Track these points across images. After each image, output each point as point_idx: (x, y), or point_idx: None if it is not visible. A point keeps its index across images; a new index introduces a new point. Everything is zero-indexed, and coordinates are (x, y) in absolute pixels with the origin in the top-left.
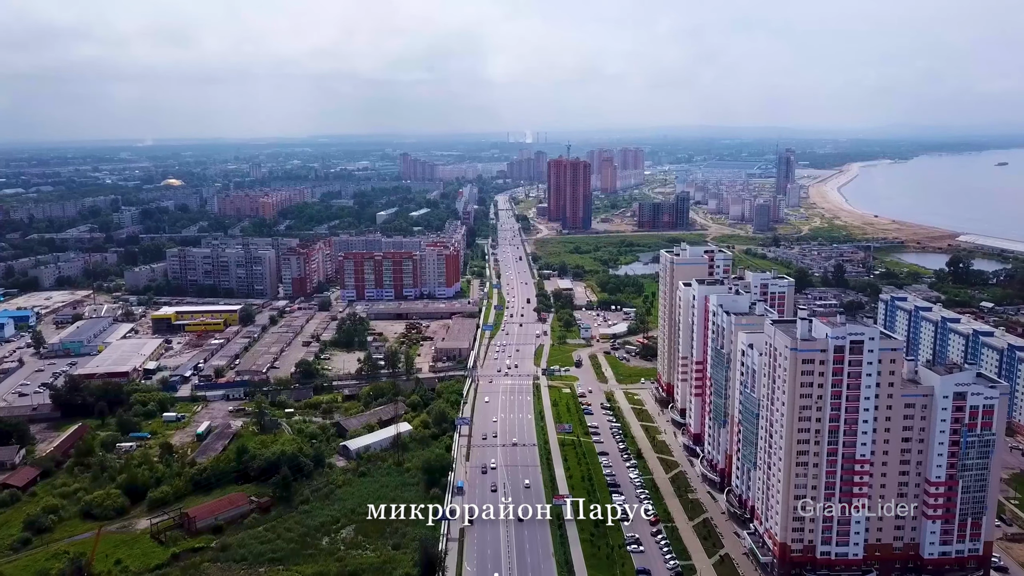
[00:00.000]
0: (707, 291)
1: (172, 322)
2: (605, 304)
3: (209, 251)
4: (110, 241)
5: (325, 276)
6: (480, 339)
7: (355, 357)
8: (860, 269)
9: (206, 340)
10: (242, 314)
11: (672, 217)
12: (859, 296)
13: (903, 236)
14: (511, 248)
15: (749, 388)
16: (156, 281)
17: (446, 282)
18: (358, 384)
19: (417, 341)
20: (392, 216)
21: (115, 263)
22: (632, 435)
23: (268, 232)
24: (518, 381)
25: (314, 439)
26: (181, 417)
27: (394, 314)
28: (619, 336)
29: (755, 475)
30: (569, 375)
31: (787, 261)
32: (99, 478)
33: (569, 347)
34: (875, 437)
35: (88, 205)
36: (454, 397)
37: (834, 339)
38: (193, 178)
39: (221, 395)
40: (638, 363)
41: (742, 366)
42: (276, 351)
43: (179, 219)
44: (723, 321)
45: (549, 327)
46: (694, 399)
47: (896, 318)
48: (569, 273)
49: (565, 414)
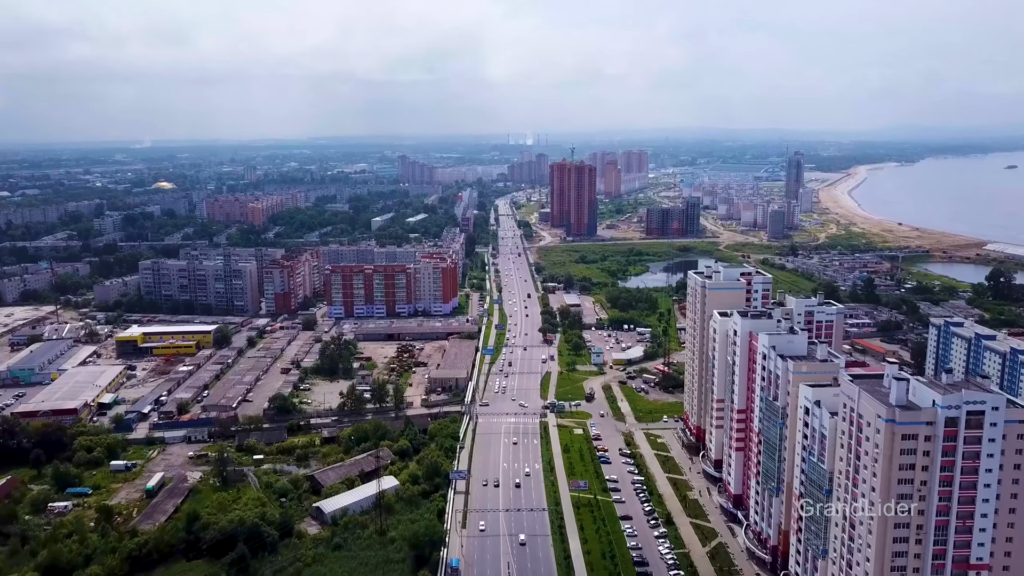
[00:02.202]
0: (752, 326)
1: (138, 345)
2: (617, 323)
3: (185, 264)
4: (87, 250)
5: (312, 290)
6: (479, 365)
7: (339, 388)
8: (889, 282)
9: (174, 366)
10: (217, 335)
11: (682, 224)
12: (893, 314)
13: (926, 244)
14: (513, 258)
15: (816, 457)
16: (128, 296)
17: (442, 297)
18: (339, 423)
19: (409, 367)
20: (388, 222)
21: (88, 275)
22: (658, 492)
23: (256, 240)
24: (523, 420)
25: (284, 497)
26: (131, 466)
27: (385, 334)
28: (635, 362)
29: (826, 567)
30: (581, 411)
31: (808, 272)
32: (18, 553)
33: (579, 375)
34: (995, 535)
35: (71, 210)
36: (449, 442)
37: (944, 409)
38: (186, 181)
39: (182, 436)
40: (658, 396)
41: (805, 427)
42: (250, 380)
43: (164, 225)
44: (777, 367)
45: (556, 350)
46: (734, 453)
47: (951, 348)
48: (575, 286)
49: (579, 463)
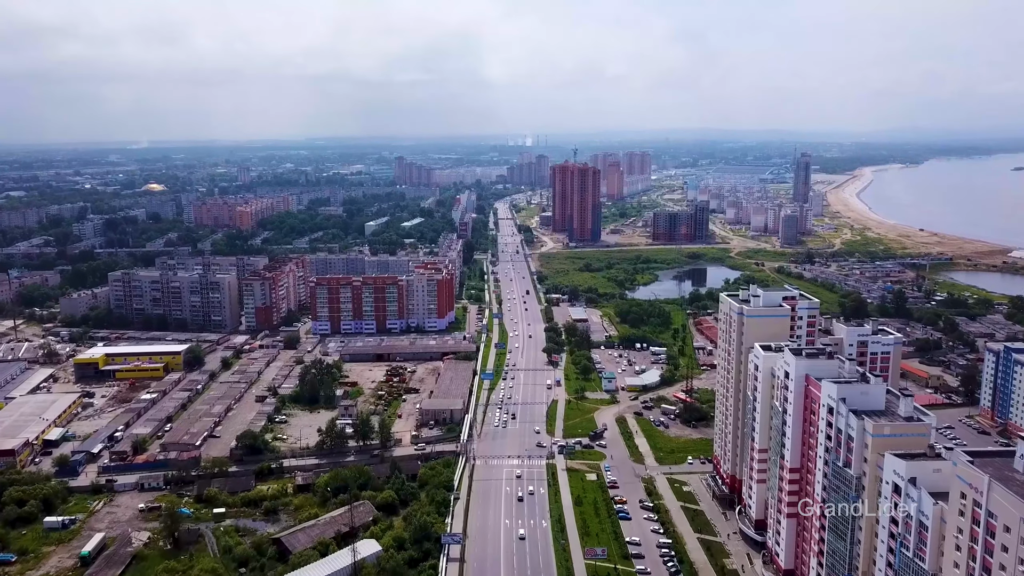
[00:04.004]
0: (810, 368)
1: (100, 367)
2: (628, 341)
3: (159, 275)
4: (62, 257)
5: (297, 302)
6: (477, 392)
7: (319, 420)
8: (916, 293)
9: (138, 393)
10: (187, 357)
11: (690, 229)
12: (928, 331)
13: (947, 251)
14: (513, 265)
15: (912, 551)
16: (97, 310)
17: (438, 312)
18: (317, 467)
19: (399, 394)
20: (382, 227)
21: (58, 285)
22: (689, 559)
23: (242, 246)
24: (527, 463)
25: (244, 567)
26: (69, 522)
27: (373, 355)
28: (650, 388)
29: None
30: (593, 452)
31: (827, 282)
32: None
33: (589, 404)
34: None
35: (52, 214)
36: (441, 493)
37: None
38: (177, 182)
39: (134, 483)
40: (680, 431)
41: (895, 507)
42: (220, 411)
43: (147, 230)
44: (850, 427)
45: (562, 373)
46: (785, 520)
47: (1014, 379)
48: (581, 298)
49: (593, 520)
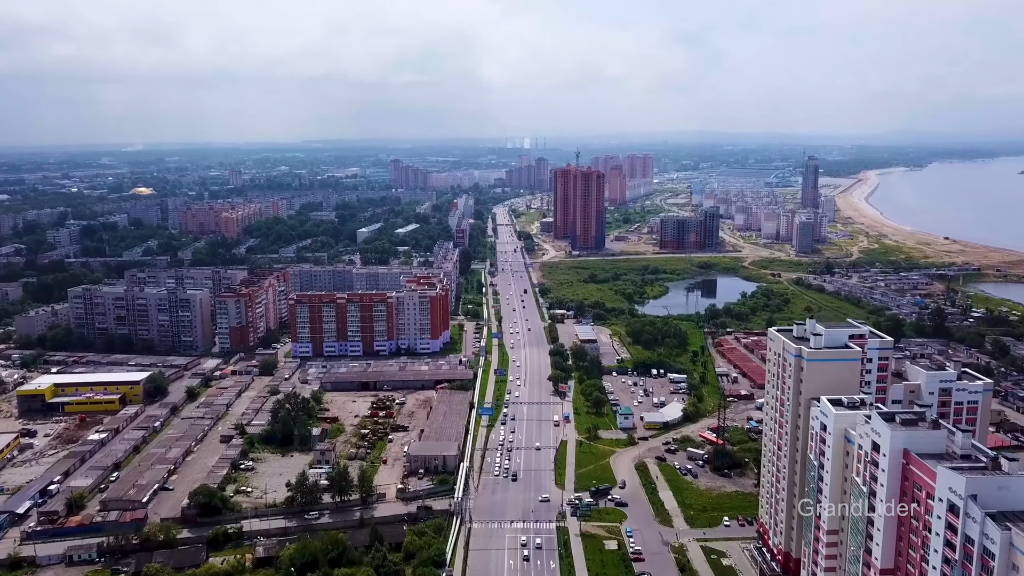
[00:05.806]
0: (911, 442)
1: (47, 400)
2: (643, 366)
3: (123, 291)
4: (32, 267)
5: (278, 320)
6: (474, 432)
7: (291, 467)
8: (951, 309)
9: (88, 430)
10: (148, 387)
11: (699, 236)
12: (974, 354)
13: (972, 260)
14: (513, 276)
15: None
16: (56, 329)
17: (431, 332)
18: (283, 532)
19: (385, 433)
20: (375, 234)
21: (20, 299)
22: None
23: (226, 255)
24: (533, 527)
25: None
26: None
27: (358, 382)
28: (672, 425)
29: None
30: (612, 511)
31: (852, 296)
32: None
33: (603, 447)
34: None
35: (29, 219)
36: (431, 572)
37: None
38: (168, 186)
39: (61, 554)
40: (712, 482)
41: None
42: (177, 455)
43: (127, 237)
44: (990, 539)
45: (571, 406)
46: None
47: None
48: (588, 314)
49: None
